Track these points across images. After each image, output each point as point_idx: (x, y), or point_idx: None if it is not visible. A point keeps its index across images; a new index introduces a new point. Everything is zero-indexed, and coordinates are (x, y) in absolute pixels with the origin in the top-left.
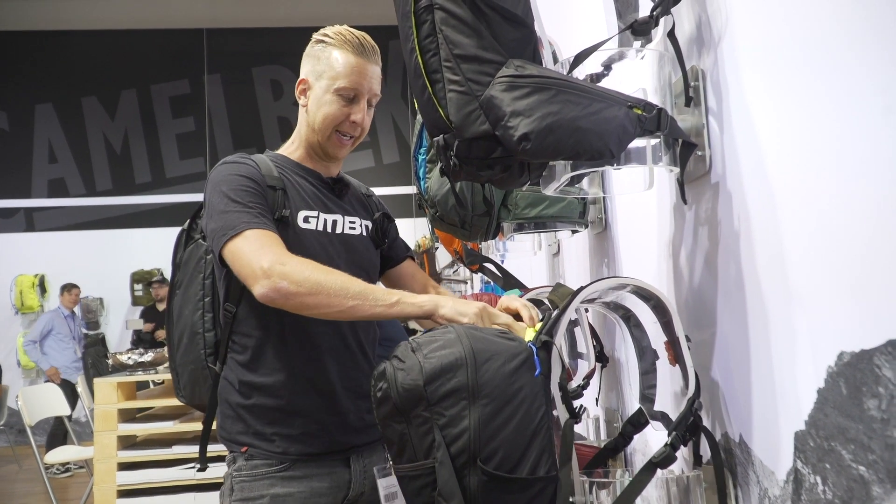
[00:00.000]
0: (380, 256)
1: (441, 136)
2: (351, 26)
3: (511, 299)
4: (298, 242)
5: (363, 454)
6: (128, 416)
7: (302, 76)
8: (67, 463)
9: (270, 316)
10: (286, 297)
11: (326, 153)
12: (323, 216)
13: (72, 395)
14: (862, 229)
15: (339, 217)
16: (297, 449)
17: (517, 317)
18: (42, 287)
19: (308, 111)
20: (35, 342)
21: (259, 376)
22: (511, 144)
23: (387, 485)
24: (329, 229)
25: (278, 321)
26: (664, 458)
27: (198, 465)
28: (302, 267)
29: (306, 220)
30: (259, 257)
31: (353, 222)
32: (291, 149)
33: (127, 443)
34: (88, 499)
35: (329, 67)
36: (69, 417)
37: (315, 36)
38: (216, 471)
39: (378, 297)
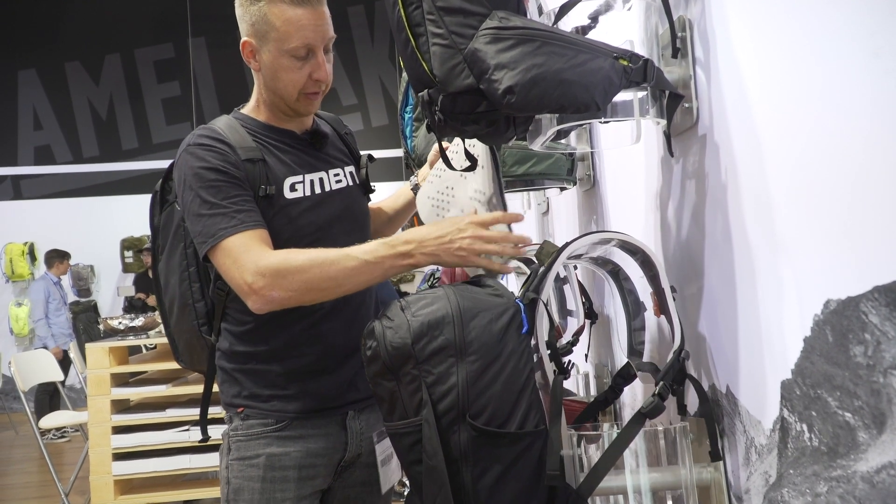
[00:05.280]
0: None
1: (425, 90)
2: None
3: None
4: (286, 219)
5: (360, 415)
6: (121, 380)
7: (243, 38)
8: (63, 428)
9: None
10: (282, 303)
11: (297, 113)
12: (308, 178)
13: (64, 361)
14: (848, 177)
15: (323, 174)
16: (294, 407)
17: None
18: (32, 255)
19: (263, 76)
20: (45, 318)
21: (255, 346)
22: (496, 98)
23: (383, 448)
24: (317, 190)
25: None
26: (653, 408)
27: (191, 428)
28: (285, 269)
29: (293, 187)
30: (242, 272)
31: (338, 174)
32: (257, 111)
33: (121, 407)
34: (84, 462)
35: (271, 28)
36: (62, 383)
37: None
38: (212, 433)
39: (368, 270)
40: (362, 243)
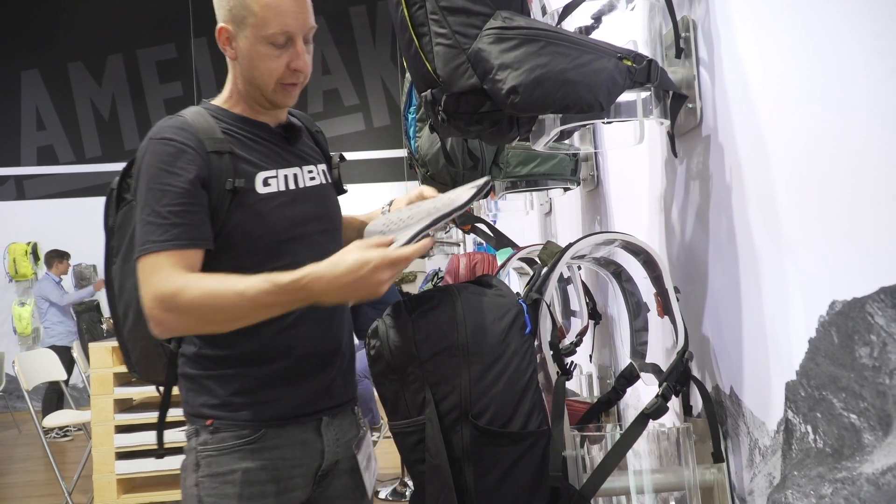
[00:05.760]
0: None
1: (429, 90)
2: None
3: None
4: (258, 215)
5: (333, 420)
6: (123, 379)
7: (220, 23)
8: (66, 426)
9: None
10: (181, 332)
11: (275, 104)
12: (282, 173)
13: (69, 361)
14: (853, 178)
15: (297, 170)
16: (267, 415)
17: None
18: (35, 255)
19: (240, 64)
20: (69, 292)
21: (226, 349)
22: (499, 98)
23: (363, 456)
24: (291, 185)
25: None
26: (656, 409)
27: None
28: (178, 300)
29: (266, 182)
30: (145, 295)
31: (312, 171)
32: (230, 102)
33: (123, 406)
34: (87, 461)
35: (249, 13)
36: (66, 382)
37: None
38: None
39: (263, 311)
40: (337, 243)
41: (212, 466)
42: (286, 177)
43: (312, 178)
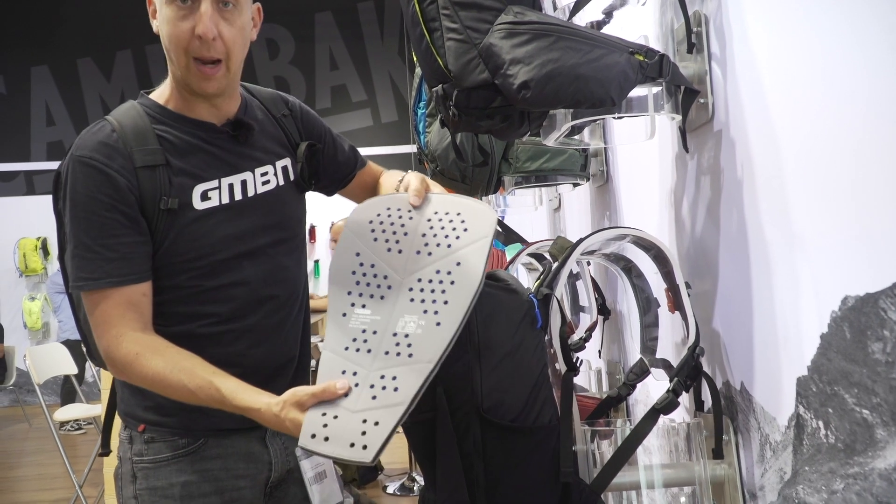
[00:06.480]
0: (313, 189)
1: (440, 85)
2: None
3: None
4: (192, 237)
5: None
6: None
7: None
8: (78, 420)
9: (179, 305)
10: (129, 379)
11: (192, 90)
12: (226, 182)
13: (81, 356)
14: (866, 172)
15: (247, 176)
16: (205, 424)
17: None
18: (45, 250)
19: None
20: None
21: None
22: (511, 93)
23: (314, 464)
24: (238, 196)
25: (188, 312)
26: (667, 404)
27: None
28: (131, 371)
29: (205, 195)
30: (98, 341)
31: (266, 174)
32: (167, 96)
33: None
34: (97, 454)
35: None
36: (80, 377)
37: None
38: None
39: (208, 403)
40: (292, 253)
41: (149, 479)
42: (231, 186)
43: (266, 182)
